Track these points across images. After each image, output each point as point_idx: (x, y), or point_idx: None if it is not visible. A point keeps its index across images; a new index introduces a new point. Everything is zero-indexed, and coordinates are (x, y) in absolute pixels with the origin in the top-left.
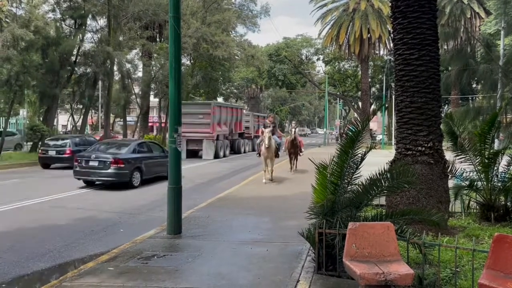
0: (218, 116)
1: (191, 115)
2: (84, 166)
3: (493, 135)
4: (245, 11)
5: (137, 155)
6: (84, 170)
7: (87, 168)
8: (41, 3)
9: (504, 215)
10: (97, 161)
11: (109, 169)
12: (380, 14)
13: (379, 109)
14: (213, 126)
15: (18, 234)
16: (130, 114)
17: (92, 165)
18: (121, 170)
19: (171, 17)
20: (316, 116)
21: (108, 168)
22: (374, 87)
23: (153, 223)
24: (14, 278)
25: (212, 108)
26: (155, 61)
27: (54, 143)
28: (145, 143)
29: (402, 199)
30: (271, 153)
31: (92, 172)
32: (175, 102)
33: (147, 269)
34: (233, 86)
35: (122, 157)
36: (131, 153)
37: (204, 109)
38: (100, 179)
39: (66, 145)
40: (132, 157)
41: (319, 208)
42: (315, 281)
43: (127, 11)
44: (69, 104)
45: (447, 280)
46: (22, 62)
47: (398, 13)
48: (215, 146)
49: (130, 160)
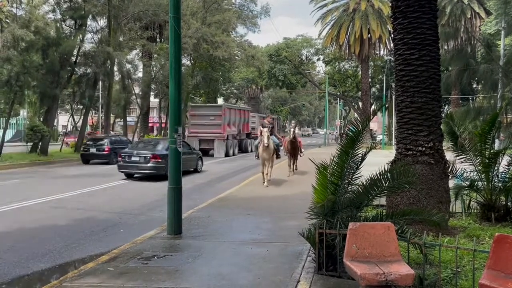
0: (228, 118)
1: (204, 117)
2: (127, 161)
3: (494, 135)
4: (245, 11)
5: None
6: (127, 164)
7: (129, 163)
8: (41, 4)
9: (504, 215)
10: (139, 156)
11: (149, 163)
12: (380, 14)
13: (379, 109)
14: (224, 127)
15: (19, 234)
16: (131, 114)
17: (134, 160)
18: (159, 164)
19: (171, 18)
20: (316, 117)
21: (148, 162)
22: (374, 87)
23: (153, 223)
24: (14, 278)
25: (223, 110)
26: (155, 61)
27: (94, 143)
28: None
29: (402, 199)
30: (269, 154)
31: (134, 166)
32: (175, 102)
33: (147, 269)
34: (233, 86)
35: (160, 153)
36: (166, 149)
37: (216, 111)
38: (141, 172)
39: (104, 144)
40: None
41: (320, 208)
42: (315, 282)
43: (127, 12)
44: (70, 105)
45: (447, 280)
46: (23, 62)
47: (398, 13)
48: (225, 145)
49: (166, 156)
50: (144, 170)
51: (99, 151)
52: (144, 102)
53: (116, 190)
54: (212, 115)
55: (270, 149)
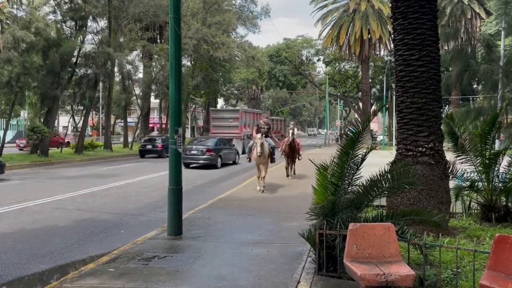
0: (244, 120)
1: (224, 119)
2: (187, 154)
3: (494, 136)
4: (245, 12)
5: (218, 146)
6: (187, 157)
7: (189, 155)
8: (41, 5)
9: (505, 215)
10: (196, 150)
11: (204, 155)
12: (381, 15)
13: (379, 110)
14: (241, 128)
15: (19, 235)
16: (131, 115)
17: (193, 153)
18: (211, 156)
19: (172, 18)
20: (316, 117)
21: (204, 155)
22: (374, 87)
23: (153, 224)
24: (15, 279)
25: (240, 114)
26: (155, 62)
27: (150, 141)
28: (221, 139)
29: (402, 200)
30: (264, 158)
31: (193, 158)
32: (176, 103)
33: (148, 270)
34: (234, 87)
35: (212, 148)
36: (215, 145)
37: (234, 114)
38: (198, 163)
39: (158, 142)
40: (216, 147)
41: (320, 209)
42: (315, 282)
43: (127, 13)
44: (70, 106)
45: (448, 281)
46: (23, 63)
47: (398, 14)
48: (242, 143)
49: (216, 150)
50: (200, 161)
51: (154, 147)
52: (144, 103)
53: (117, 190)
54: (230, 117)
55: (265, 154)
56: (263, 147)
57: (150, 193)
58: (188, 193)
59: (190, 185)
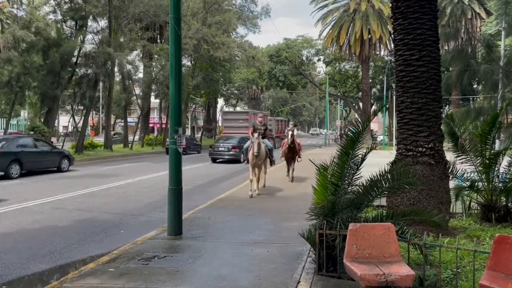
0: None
1: (234, 121)
2: (215, 150)
3: (494, 136)
4: (245, 12)
5: (241, 144)
6: (215, 152)
7: (217, 151)
8: (42, 5)
9: (505, 215)
10: (223, 147)
11: (230, 151)
12: (381, 15)
13: (379, 110)
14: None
15: (19, 235)
16: (131, 115)
17: (220, 150)
18: (236, 152)
19: (172, 18)
20: (317, 117)
21: (230, 151)
22: (374, 87)
23: (153, 224)
24: (15, 279)
25: (250, 116)
26: (155, 62)
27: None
28: (243, 137)
29: (402, 200)
30: (261, 160)
31: (220, 154)
32: (176, 103)
33: (148, 270)
34: (234, 87)
35: (237, 145)
36: (239, 143)
37: (244, 116)
38: (224, 158)
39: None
40: (239, 145)
41: (320, 209)
42: (315, 282)
43: (127, 12)
44: (70, 105)
45: (448, 281)
46: (23, 63)
47: (398, 14)
48: None
49: (240, 146)
50: (226, 156)
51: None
52: (144, 102)
53: (117, 190)
54: (240, 119)
55: (262, 155)
56: (260, 147)
57: (150, 193)
58: (188, 193)
59: (190, 185)
